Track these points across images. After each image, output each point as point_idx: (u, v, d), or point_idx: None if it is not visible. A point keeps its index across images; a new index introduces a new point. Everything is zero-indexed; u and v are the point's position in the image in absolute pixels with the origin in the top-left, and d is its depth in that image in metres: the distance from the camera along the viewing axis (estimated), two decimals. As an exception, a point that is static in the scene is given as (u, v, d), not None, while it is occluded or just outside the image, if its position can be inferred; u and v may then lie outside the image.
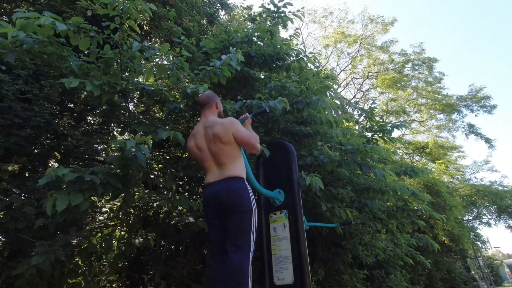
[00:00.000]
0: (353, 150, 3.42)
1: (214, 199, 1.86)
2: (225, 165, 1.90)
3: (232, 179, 1.87)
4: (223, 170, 1.90)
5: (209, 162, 1.95)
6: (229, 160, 1.91)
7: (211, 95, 2.19)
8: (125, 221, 3.33)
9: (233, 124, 1.97)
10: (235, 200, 1.82)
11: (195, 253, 3.96)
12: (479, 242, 16.35)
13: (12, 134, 2.65)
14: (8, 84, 2.74)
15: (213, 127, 1.97)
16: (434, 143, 15.65)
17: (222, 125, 1.96)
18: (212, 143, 1.94)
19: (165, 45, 2.66)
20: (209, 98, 2.16)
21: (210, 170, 1.94)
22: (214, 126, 1.97)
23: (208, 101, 2.15)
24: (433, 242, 4.68)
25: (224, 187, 1.85)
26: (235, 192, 1.84)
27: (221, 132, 1.93)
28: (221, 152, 1.91)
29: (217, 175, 1.90)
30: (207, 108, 2.13)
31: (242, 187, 1.87)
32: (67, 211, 1.89)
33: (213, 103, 2.15)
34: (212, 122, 2.01)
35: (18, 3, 3.95)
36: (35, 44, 2.19)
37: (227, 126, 1.96)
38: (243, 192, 1.86)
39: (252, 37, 3.83)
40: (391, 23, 16.17)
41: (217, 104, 2.18)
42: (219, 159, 1.91)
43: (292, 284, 2.53)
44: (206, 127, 2.02)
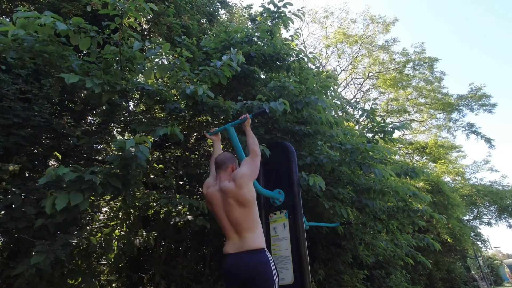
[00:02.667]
0: (353, 149, 3.42)
1: (236, 272, 1.84)
2: (245, 236, 1.87)
3: (253, 252, 1.84)
4: (243, 242, 1.86)
5: (228, 230, 1.92)
6: (248, 229, 1.88)
7: (228, 157, 2.14)
8: (125, 221, 3.33)
9: (237, 176, 1.94)
10: (257, 276, 1.80)
11: (195, 253, 3.96)
12: (480, 241, 16.36)
13: (12, 133, 2.64)
14: (8, 84, 2.73)
15: (227, 192, 1.93)
16: (434, 143, 15.64)
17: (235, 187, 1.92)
18: (229, 207, 1.91)
19: (166, 45, 2.66)
20: (225, 160, 2.11)
21: (229, 239, 1.92)
22: (228, 191, 1.93)
23: (225, 162, 2.10)
24: (434, 242, 4.67)
25: (245, 261, 1.82)
26: (257, 268, 1.81)
27: (235, 193, 1.90)
28: (240, 219, 1.88)
29: (237, 246, 1.87)
30: (223, 170, 2.08)
31: (263, 261, 1.83)
32: (66, 210, 1.89)
33: (229, 166, 2.10)
34: (225, 188, 1.96)
35: (18, 3, 3.95)
36: (36, 42, 2.18)
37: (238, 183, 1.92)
38: (265, 266, 1.82)
39: (252, 37, 3.83)
40: (392, 22, 16.16)
41: (233, 167, 2.12)
42: (239, 228, 1.89)
43: (292, 284, 2.53)
44: (223, 191, 1.97)
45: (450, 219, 8.67)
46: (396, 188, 3.86)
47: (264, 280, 1.79)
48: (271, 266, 1.85)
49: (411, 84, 16.05)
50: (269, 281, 1.81)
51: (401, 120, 16.30)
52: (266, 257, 1.86)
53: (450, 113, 15.73)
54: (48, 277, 2.51)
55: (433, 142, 15.67)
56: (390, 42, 16.17)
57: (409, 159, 15.90)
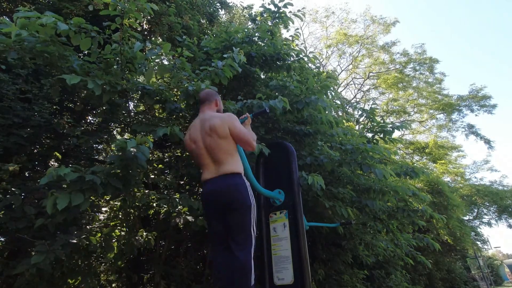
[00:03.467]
0: (353, 149, 3.42)
1: (212, 196, 1.85)
2: (221, 161, 1.87)
3: (229, 176, 1.85)
4: (219, 167, 1.87)
5: (205, 158, 1.92)
6: (225, 156, 1.88)
7: (211, 92, 2.17)
8: (125, 221, 3.33)
9: (230, 119, 1.95)
10: (234, 197, 1.81)
11: (195, 253, 3.96)
12: (480, 241, 16.36)
13: (12, 133, 2.64)
14: (8, 84, 2.73)
15: (210, 120, 1.95)
16: (434, 143, 15.64)
17: (220, 118, 1.95)
18: (208, 136, 1.91)
19: (167, 45, 2.66)
20: (208, 95, 2.14)
21: (207, 167, 1.92)
22: (211, 119, 1.95)
23: (208, 97, 2.13)
24: (433, 242, 4.67)
25: (221, 184, 1.83)
26: (233, 189, 1.82)
27: (218, 124, 1.91)
28: (217, 147, 1.88)
29: (214, 172, 1.88)
30: (206, 104, 2.11)
31: (239, 182, 1.85)
32: (67, 210, 1.89)
33: (212, 100, 2.13)
34: (210, 115, 1.99)
35: (18, 3, 3.95)
36: (37, 43, 2.18)
37: (224, 120, 1.94)
38: (241, 187, 1.84)
39: (253, 37, 3.83)
40: (393, 23, 16.16)
41: (217, 101, 2.15)
42: (215, 155, 1.89)
43: (292, 284, 2.53)
44: (203, 120, 1.99)
45: (450, 219, 8.67)
46: (396, 188, 3.86)
47: (241, 202, 1.81)
48: (247, 188, 1.87)
49: (412, 85, 16.04)
50: (246, 203, 1.83)
51: (401, 120, 16.30)
52: (243, 180, 1.88)
53: (450, 114, 15.73)
54: (48, 277, 2.51)
55: (433, 142, 15.67)
56: (391, 44, 16.18)
57: (409, 159, 15.90)
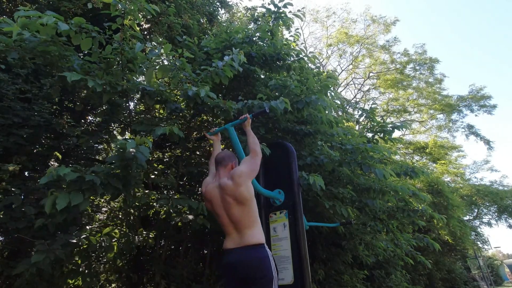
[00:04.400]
0: (353, 149, 3.42)
1: (235, 268, 1.85)
2: (245, 231, 1.88)
3: (252, 248, 1.85)
4: (242, 237, 1.87)
5: (227, 227, 1.93)
6: (248, 225, 1.89)
7: (228, 155, 2.14)
8: (125, 221, 3.33)
9: (236, 175, 1.93)
10: (256, 271, 1.80)
11: (195, 253, 3.96)
12: (480, 242, 16.35)
13: (12, 133, 2.64)
14: (7, 84, 2.73)
15: (226, 188, 1.93)
16: (434, 143, 15.64)
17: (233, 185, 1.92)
18: (228, 204, 1.91)
19: (167, 45, 2.65)
20: (225, 158, 2.11)
21: (229, 235, 1.93)
22: (227, 187, 1.93)
23: (224, 160, 2.10)
24: (433, 242, 4.67)
25: (244, 256, 1.83)
26: (256, 262, 1.81)
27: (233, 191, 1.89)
28: (239, 216, 1.89)
29: (237, 242, 1.88)
30: (222, 167, 2.08)
31: (262, 255, 1.84)
32: (66, 210, 1.89)
33: (228, 163, 2.10)
34: (225, 183, 1.96)
35: (18, 3, 3.95)
36: (38, 43, 2.18)
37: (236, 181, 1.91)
38: (264, 261, 1.83)
39: (253, 38, 3.83)
40: (393, 23, 16.15)
41: (232, 165, 2.12)
42: (238, 224, 1.89)
43: (292, 284, 2.53)
44: (220, 187, 1.97)
45: (450, 219, 8.66)
46: (396, 187, 3.86)
47: (263, 275, 1.79)
48: (270, 261, 1.85)
49: (412, 85, 16.04)
50: (268, 276, 1.80)
51: (401, 120, 16.30)
52: (266, 252, 1.87)
53: (450, 114, 15.73)
54: (48, 277, 2.51)
55: (433, 142, 15.67)
56: (391, 42, 16.16)
57: (409, 159, 15.90)
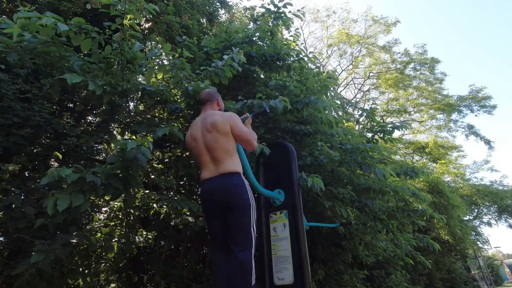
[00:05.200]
0: (353, 149, 3.42)
1: (211, 196, 1.84)
2: (220, 160, 1.86)
3: (228, 175, 1.84)
4: (218, 166, 1.86)
5: (204, 156, 1.91)
6: (224, 155, 1.87)
7: (212, 92, 2.17)
8: (125, 221, 3.33)
9: (232, 117, 1.95)
10: (233, 197, 1.80)
11: (195, 253, 3.96)
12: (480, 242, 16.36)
13: (12, 133, 2.64)
14: (7, 84, 2.73)
15: (211, 116, 1.95)
16: (434, 143, 15.64)
17: (221, 115, 1.95)
18: (208, 133, 1.90)
19: (167, 45, 2.66)
20: (210, 95, 2.14)
21: (205, 166, 1.90)
22: (213, 116, 1.95)
23: (209, 97, 2.13)
24: (433, 243, 4.67)
25: (220, 184, 1.82)
26: (232, 189, 1.81)
27: (219, 120, 1.90)
28: (216, 144, 1.87)
29: (213, 171, 1.87)
30: (208, 104, 2.11)
31: (238, 183, 1.84)
32: (67, 211, 1.89)
33: (214, 99, 2.13)
34: (211, 113, 1.99)
35: (18, 3, 3.95)
36: (39, 44, 2.18)
37: (226, 117, 1.94)
38: (240, 187, 1.83)
39: (253, 38, 3.83)
40: (394, 23, 16.15)
41: (218, 101, 2.15)
42: (214, 153, 1.87)
43: (292, 284, 2.53)
44: (204, 118, 1.99)
45: (450, 219, 8.67)
46: (395, 188, 3.86)
47: (240, 201, 1.80)
48: (246, 188, 1.86)
49: (412, 85, 16.04)
50: (245, 201, 1.81)
51: (401, 120, 16.30)
52: (242, 180, 1.87)
53: (450, 114, 15.73)
54: (48, 277, 2.51)
55: (433, 142, 15.67)
56: (391, 43, 16.18)
57: (409, 159, 15.90)
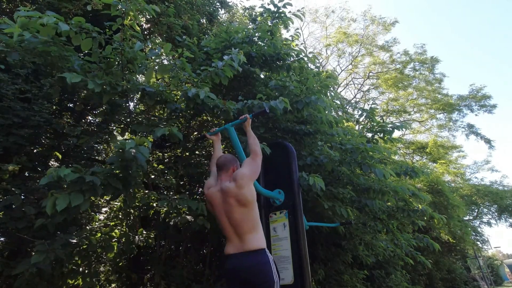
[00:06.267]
0: (353, 149, 3.42)
1: (237, 273, 1.84)
2: (246, 236, 1.87)
3: (254, 253, 1.84)
4: (243, 242, 1.87)
5: (228, 230, 1.92)
6: (249, 230, 1.88)
7: (229, 159, 2.13)
8: (125, 221, 3.33)
9: (238, 177, 1.93)
10: (258, 276, 1.80)
11: (195, 253, 3.96)
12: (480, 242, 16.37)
13: (12, 133, 2.64)
14: (7, 84, 2.73)
15: (229, 191, 1.93)
16: (434, 143, 15.64)
17: (236, 187, 1.92)
18: (229, 207, 1.90)
19: (167, 45, 2.65)
20: (227, 162, 2.10)
21: (230, 240, 1.92)
22: (229, 190, 1.93)
23: (226, 164, 2.09)
24: (433, 243, 4.67)
25: (246, 262, 1.82)
26: (258, 268, 1.82)
27: (238, 193, 1.89)
28: (240, 221, 1.88)
29: (238, 247, 1.87)
30: (224, 171, 2.07)
31: (264, 261, 1.84)
32: (67, 211, 1.89)
33: (230, 167, 2.09)
34: (228, 187, 1.95)
35: (18, 3, 3.95)
36: (39, 43, 2.18)
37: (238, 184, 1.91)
38: (266, 266, 1.83)
39: (253, 38, 3.83)
40: (392, 23, 16.14)
41: (233, 168, 2.11)
42: (238, 229, 1.88)
43: (292, 284, 2.53)
44: (222, 190, 1.97)
45: (450, 219, 8.67)
46: (395, 188, 3.86)
47: (265, 281, 1.80)
48: (271, 266, 1.86)
49: (412, 85, 16.04)
50: (269, 281, 1.81)
51: (401, 120, 16.30)
52: (267, 258, 1.87)
53: (450, 114, 15.73)
54: (48, 277, 2.51)
55: (433, 142, 15.67)
56: (391, 43, 16.16)
57: (409, 159, 15.91)
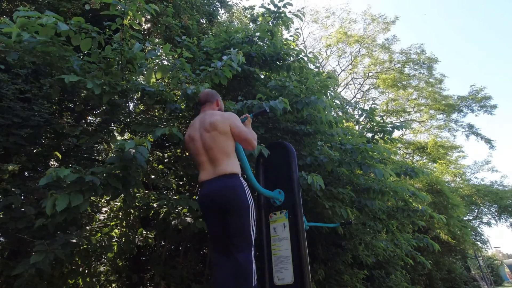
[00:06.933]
0: (353, 149, 3.42)
1: (210, 198, 1.83)
2: (218, 161, 1.85)
3: (226, 177, 1.82)
4: (216, 167, 1.84)
5: (202, 156, 1.89)
6: (222, 156, 1.85)
7: (211, 93, 2.15)
8: (125, 221, 3.33)
9: (231, 117, 1.95)
10: (231, 199, 1.79)
11: (195, 253, 3.96)
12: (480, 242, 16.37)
13: (12, 133, 2.64)
14: (7, 84, 2.73)
15: (211, 116, 1.93)
16: (434, 143, 15.64)
17: (221, 115, 1.94)
18: (206, 133, 1.89)
19: (167, 45, 2.66)
20: (209, 96, 2.13)
21: (203, 167, 1.89)
22: (212, 116, 1.94)
23: (209, 98, 2.11)
24: (433, 243, 4.68)
25: (218, 186, 1.81)
26: (230, 190, 1.80)
27: (219, 120, 1.89)
28: (214, 144, 1.86)
29: (211, 173, 1.85)
30: (208, 104, 2.10)
31: (237, 184, 1.83)
32: (66, 211, 1.89)
33: (213, 100, 2.12)
34: (211, 113, 1.97)
35: (18, 3, 3.95)
36: (38, 44, 2.18)
37: (225, 117, 1.93)
38: (238, 189, 1.82)
39: (253, 37, 3.83)
40: (393, 21, 16.12)
41: (218, 101, 2.14)
42: (212, 154, 1.86)
43: (292, 284, 2.53)
44: (203, 117, 1.97)
45: (450, 219, 8.66)
46: (395, 188, 3.86)
47: (239, 203, 1.79)
48: (244, 189, 1.85)
49: (411, 84, 16.04)
50: (244, 203, 1.81)
51: (401, 120, 16.30)
52: (240, 181, 1.86)
53: (450, 114, 15.73)
54: (48, 277, 2.51)
55: (433, 142, 15.67)
56: (391, 40, 16.15)
57: (409, 159, 15.90)
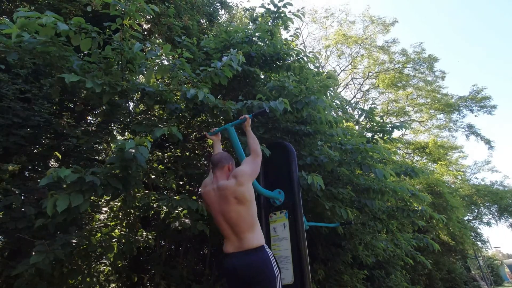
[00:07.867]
0: (353, 149, 3.42)
1: (236, 273, 1.82)
2: (244, 235, 1.84)
3: (253, 252, 1.82)
4: (241, 240, 1.84)
5: (225, 230, 1.89)
6: (246, 228, 1.85)
7: (224, 157, 2.10)
8: (125, 221, 3.33)
9: (241, 177, 1.91)
10: (258, 274, 1.78)
11: (195, 253, 3.96)
12: (480, 242, 16.37)
13: (12, 133, 2.64)
14: (7, 84, 2.74)
15: (226, 189, 1.90)
16: (434, 143, 15.65)
17: (235, 184, 1.89)
18: (225, 205, 1.88)
19: (167, 46, 2.66)
20: (222, 160, 2.07)
21: (228, 239, 1.89)
22: (226, 187, 1.90)
23: (221, 161, 2.06)
24: (433, 243, 4.68)
25: (245, 261, 1.80)
26: (258, 265, 1.79)
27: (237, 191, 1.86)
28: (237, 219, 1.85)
29: (236, 246, 1.85)
30: (219, 169, 2.04)
31: (263, 258, 1.82)
32: (67, 211, 1.89)
33: (225, 165, 2.06)
34: (225, 185, 1.93)
35: (18, 3, 3.95)
36: (38, 44, 2.18)
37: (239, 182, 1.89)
38: (266, 263, 1.81)
39: (253, 38, 3.83)
40: (392, 23, 16.15)
41: (229, 166, 2.08)
42: (236, 228, 1.86)
43: (292, 284, 2.53)
44: (218, 188, 1.94)
45: (450, 220, 8.67)
46: (395, 188, 3.86)
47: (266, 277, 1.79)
48: (271, 261, 1.84)
49: (411, 84, 16.04)
50: (271, 277, 1.80)
51: (400, 120, 16.30)
52: (266, 254, 1.85)
53: (450, 114, 15.74)
54: (48, 277, 2.51)
55: (433, 142, 15.67)
56: (390, 43, 16.16)
57: (409, 159, 15.90)
